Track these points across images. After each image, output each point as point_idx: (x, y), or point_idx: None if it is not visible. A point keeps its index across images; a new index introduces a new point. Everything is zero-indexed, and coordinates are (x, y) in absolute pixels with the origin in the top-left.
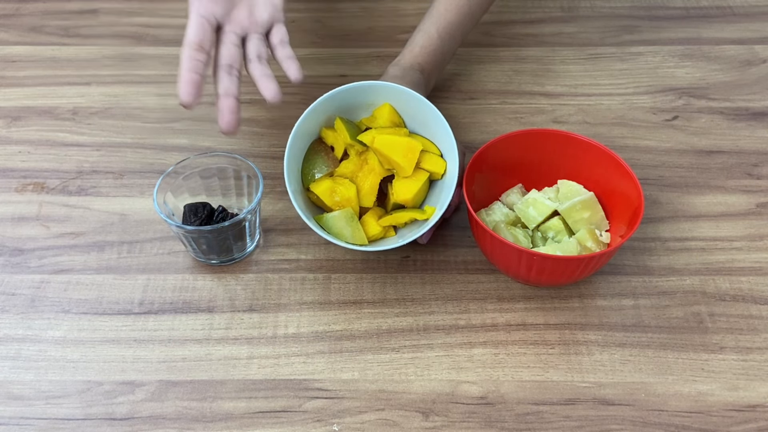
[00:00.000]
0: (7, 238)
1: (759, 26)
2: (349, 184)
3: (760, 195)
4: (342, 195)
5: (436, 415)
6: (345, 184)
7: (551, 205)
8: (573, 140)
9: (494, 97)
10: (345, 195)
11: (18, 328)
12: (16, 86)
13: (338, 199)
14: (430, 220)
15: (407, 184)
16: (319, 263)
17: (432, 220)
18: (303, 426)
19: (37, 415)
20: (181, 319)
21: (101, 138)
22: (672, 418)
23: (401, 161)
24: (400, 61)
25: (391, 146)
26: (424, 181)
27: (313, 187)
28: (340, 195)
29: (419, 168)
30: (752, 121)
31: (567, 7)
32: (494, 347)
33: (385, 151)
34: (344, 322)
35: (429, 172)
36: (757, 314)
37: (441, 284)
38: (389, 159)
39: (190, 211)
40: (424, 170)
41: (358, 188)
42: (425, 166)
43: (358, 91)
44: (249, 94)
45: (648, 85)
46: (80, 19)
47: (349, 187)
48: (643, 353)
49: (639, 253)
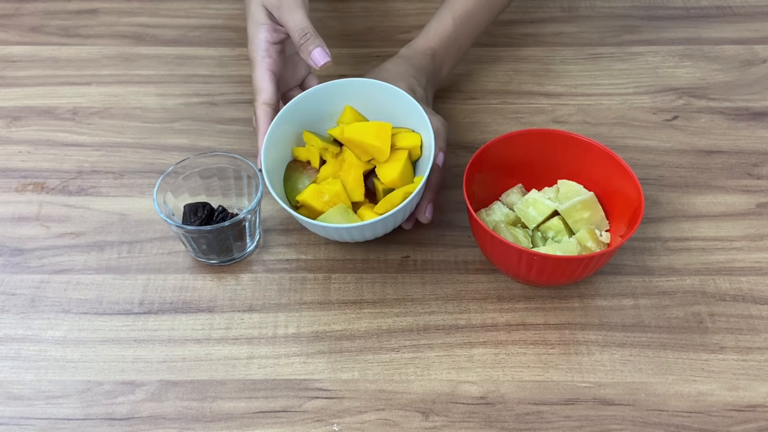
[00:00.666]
0: (7, 238)
1: (759, 26)
2: (332, 180)
3: (760, 195)
4: (330, 192)
5: (436, 415)
6: (329, 182)
7: (551, 205)
8: (573, 140)
9: (494, 97)
10: (332, 191)
11: (18, 328)
12: (16, 86)
13: (327, 199)
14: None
15: (389, 166)
16: (319, 263)
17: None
18: (303, 426)
19: (37, 415)
20: (181, 319)
21: (101, 138)
22: (672, 418)
23: (376, 142)
24: (413, 44)
25: (362, 132)
26: (405, 159)
27: (299, 198)
28: (327, 193)
29: (396, 149)
30: (752, 121)
31: (567, 7)
32: (494, 347)
33: (358, 137)
34: (344, 322)
35: (407, 150)
36: (757, 314)
37: (441, 284)
38: (364, 145)
39: (190, 211)
40: (402, 149)
41: (344, 184)
42: (401, 145)
43: (315, 97)
44: (248, 94)
45: (648, 85)
46: (80, 19)
47: (333, 183)
48: (643, 353)
49: (639, 253)
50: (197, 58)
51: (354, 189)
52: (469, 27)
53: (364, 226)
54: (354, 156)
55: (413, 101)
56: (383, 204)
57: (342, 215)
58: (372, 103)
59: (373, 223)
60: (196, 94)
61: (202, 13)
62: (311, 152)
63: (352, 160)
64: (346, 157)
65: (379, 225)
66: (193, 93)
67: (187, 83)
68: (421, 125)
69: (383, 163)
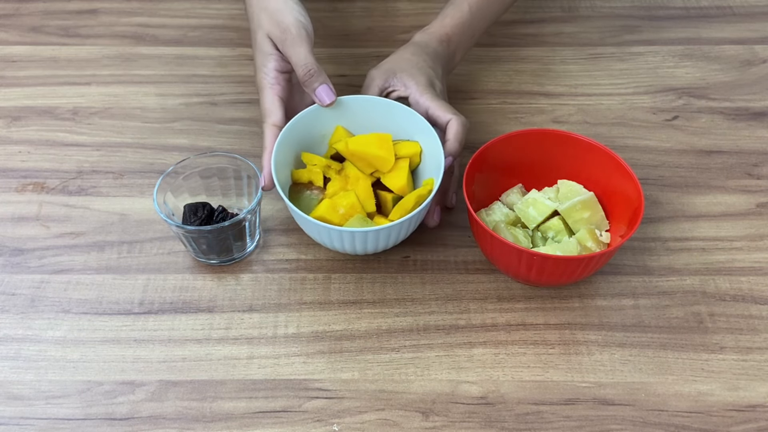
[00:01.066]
0: (7, 238)
1: (759, 26)
2: (345, 193)
3: (760, 195)
4: (344, 205)
5: (436, 415)
6: (342, 195)
7: (551, 205)
8: (573, 140)
9: (494, 97)
10: (347, 203)
11: (18, 328)
12: (16, 86)
13: (343, 212)
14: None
15: (395, 174)
16: (319, 263)
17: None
18: (303, 426)
19: (37, 415)
20: (181, 319)
21: (101, 138)
22: (672, 418)
23: (380, 152)
24: (429, 29)
25: (365, 143)
26: (407, 167)
27: (314, 216)
28: (342, 206)
29: (397, 158)
30: (752, 121)
31: (567, 7)
32: (494, 347)
33: (362, 149)
34: (344, 322)
35: (408, 158)
36: (757, 314)
37: (441, 284)
38: (368, 156)
39: (190, 211)
40: (403, 158)
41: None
42: (402, 153)
43: (309, 119)
44: (248, 94)
45: (648, 85)
46: (80, 19)
47: (347, 195)
48: (643, 353)
49: (639, 253)
50: (197, 58)
51: (366, 200)
52: (484, 16)
53: (391, 226)
54: (357, 170)
55: (410, 111)
56: (397, 211)
57: (360, 225)
58: (366, 119)
59: (399, 224)
60: (196, 94)
61: (202, 13)
62: (313, 172)
63: (357, 173)
64: (350, 172)
65: (404, 225)
66: (193, 93)
67: (187, 83)
68: (421, 131)
69: (387, 173)
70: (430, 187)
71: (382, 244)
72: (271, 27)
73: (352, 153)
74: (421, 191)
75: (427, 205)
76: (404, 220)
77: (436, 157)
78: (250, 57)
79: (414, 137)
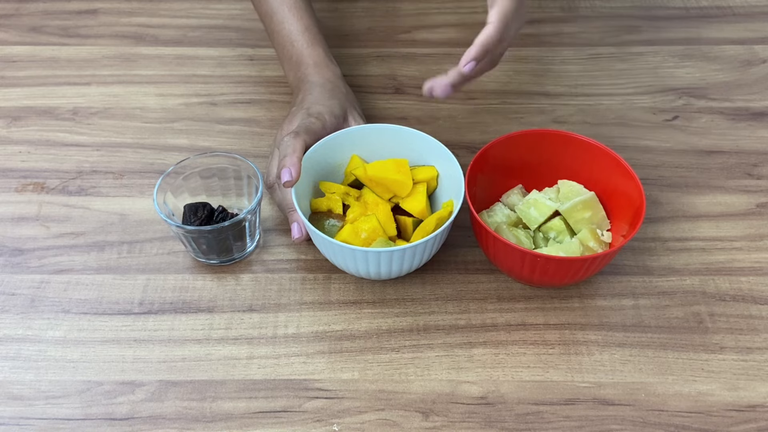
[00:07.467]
0: (7, 238)
1: (759, 26)
2: (366, 217)
3: (760, 195)
4: (366, 228)
5: (436, 415)
6: (363, 219)
7: (552, 206)
8: (573, 140)
9: (494, 97)
10: (369, 227)
11: (18, 328)
12: (16, 86)
13: (365, 236)
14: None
15: (414, 198)
16: (319, 263)
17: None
18: (303, 426)
19: (37, 415)
20: (181, 319)
21: (101, 138)
22: (672, 418)
23: (398, 177)
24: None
25: (384, 169)
26: (425, 191)
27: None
28: (365, 230)
29: (414, 183)
30: (752, 121)
31: (567, 7)
32: (494, 347)
33: (381, 174)
34: (344, 322)
35: (425, 182)
36: (757, 314)
37: (441, 284)
38: (387, 182)
39: (190, 211)
40: (420, 182)
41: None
42: (419, 178)
43: (324, 149)
44: (248, 94)
45: (648, 85)
46: (80, 19)
47: (368, 219)
48: (643, 353)
49: (639, 253)
50: (197, 58)
51: (387, 224)
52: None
53: (416, 245)
54: (376, 195)
55: (424, 135)
56: (419, 233)
57: (386, 246)
58: (380, 147)
59: (423, 242)
60: (196, 94)
61: (202, 13)
62: (332, 200)
63: (376, 199)
64: (368, 198)
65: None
66: (193, 93)
67: (187, 83)
68: (435, 154)
69: (406, 197)
70: (450, 209)
71: (406, 265)
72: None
73: (371, 178)
74: (441, 213)
75: (448, 226)
76: (429, 239)
77: (453, 180)
78: (250, 57)
79: (428, 161)
